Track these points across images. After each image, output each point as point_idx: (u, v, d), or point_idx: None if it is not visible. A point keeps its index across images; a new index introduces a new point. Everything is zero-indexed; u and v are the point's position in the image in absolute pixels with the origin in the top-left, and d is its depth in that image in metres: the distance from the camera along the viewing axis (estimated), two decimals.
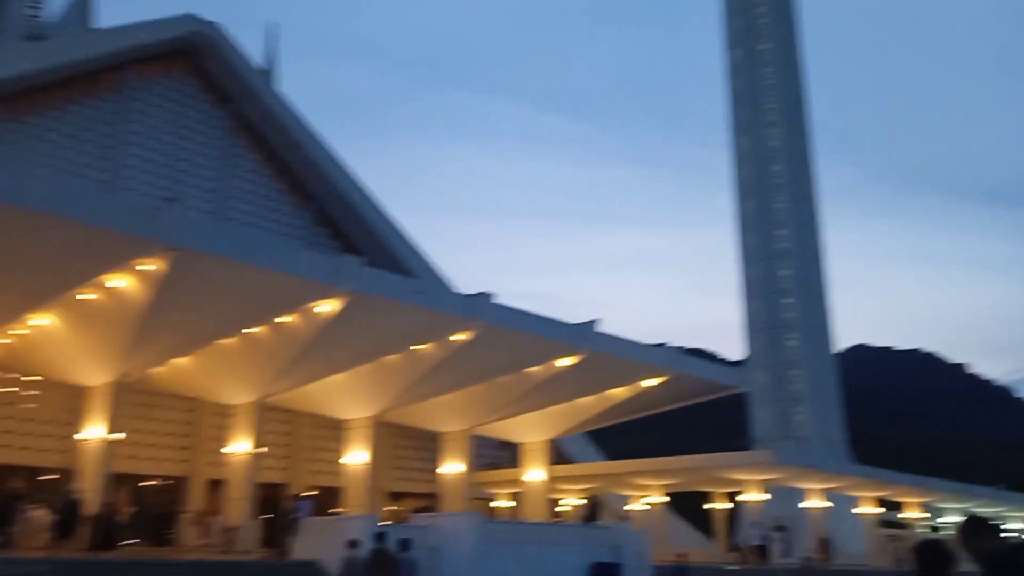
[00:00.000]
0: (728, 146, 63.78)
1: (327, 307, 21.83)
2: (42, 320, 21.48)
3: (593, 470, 39.22)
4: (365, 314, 22.35)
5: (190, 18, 32.27)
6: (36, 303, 20.30)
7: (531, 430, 33.86)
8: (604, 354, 27.20)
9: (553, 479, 35.26)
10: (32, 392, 26.49)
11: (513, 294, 28.58)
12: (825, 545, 36.19)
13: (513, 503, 38.95)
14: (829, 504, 38.73)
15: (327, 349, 23.67)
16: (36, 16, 39.62)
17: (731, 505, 40.76)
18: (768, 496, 36.19)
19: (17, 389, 26.28)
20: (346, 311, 21.80)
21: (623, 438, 57.22)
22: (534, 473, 34.40)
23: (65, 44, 30.54)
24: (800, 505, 38.89)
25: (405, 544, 14.94)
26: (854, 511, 41.70)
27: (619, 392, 30.99)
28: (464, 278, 40.83)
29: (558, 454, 37.76)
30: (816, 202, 62.27)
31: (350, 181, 35.61)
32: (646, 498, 40.20)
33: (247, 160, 34.28)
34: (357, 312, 21.96)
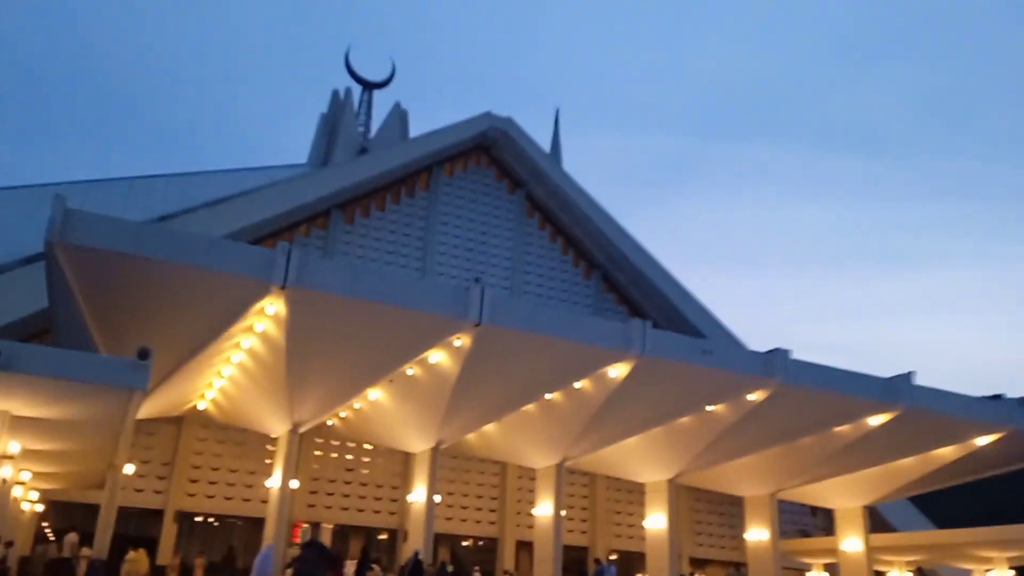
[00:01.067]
0: None
1: (618, 371, 22.43)
2: (374, 394, 24.65)
3: (921, 540, 35.02)
4: (655, 376, 22.57)
5: (487, 116, 35.90)
6: (369, 379, 23.35)
7: (844, 495, 31.30)
8: (924, 410, 24.63)
9: (874, 549, 32.10)
10: (367, 459, 30.18)
11: (813, 347, 27.06)
12: None
13: (828, 575, 36.00)
14: None
15: (620, 412, 24.18)
16: (363, 132, 46.38)
17: None
18: None
19: (354, 457, 30.11)
20: (636, 374, 22.21)
21: (958, 501, 50.37)
22: (851, 542, 31.61)
23: (386, 154, 35.38)
24: None
25: None
26: None
27: (946, 452, 27.63)
28: (757, 333, 39.49)
29: (878, 521, 34.41)
30: None
31: (633, 247, 36.58)
32: (990, 572, 34.93)
33: (538, 237, 36.79)
34: (647, 375, 22.27)
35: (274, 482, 25.04)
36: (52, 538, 25.60)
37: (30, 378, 14.13)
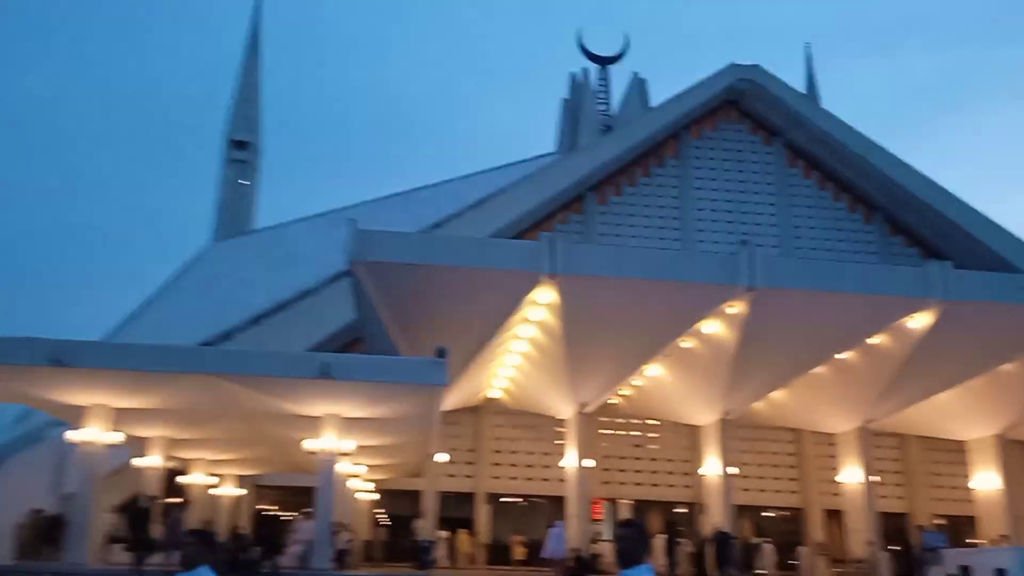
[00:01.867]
0: None
1: (919, 321, 20.39)
2: (653, 370, 24.64)
3: None
4: (964, 322, 20.21)
5: (732, 68, 33.89)
6: (645, 356, 23.36)
7: None
8: None
9: None
10: (654, 434, 30.24)
11: None
12: None
13: None
14: None
15: (927, 365, 21.94)
16: (604, 110, 46.47)
17: None
18: None
19: (641, 433, 30.31)
20: (942, 322, 20.08)
21: None
22: None
23: (629, 128, 35.08)
24: None
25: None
26: None
27: None
28: None
29: None
30: None
31: (919, 179, 32.69)
32: None
33: (804, 187, 34.33)
34: (954, 321, 20.02)
35: (568, 462, 26.03)
36: (385, 523, 28.77)
37: (350, 384, 15.98)
